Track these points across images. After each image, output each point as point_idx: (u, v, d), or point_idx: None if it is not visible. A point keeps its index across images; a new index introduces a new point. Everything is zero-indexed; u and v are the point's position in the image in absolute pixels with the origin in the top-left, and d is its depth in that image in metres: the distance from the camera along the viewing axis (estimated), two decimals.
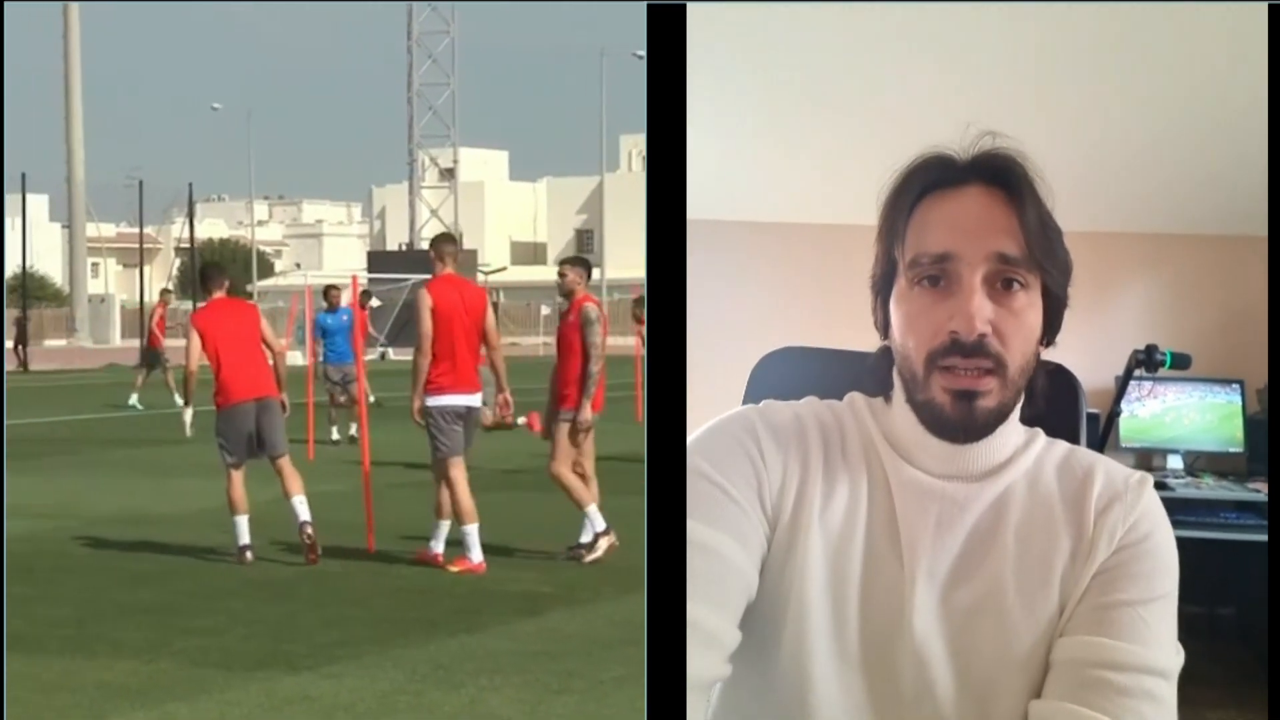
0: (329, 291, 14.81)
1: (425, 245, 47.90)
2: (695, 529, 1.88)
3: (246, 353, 7.56)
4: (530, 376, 12.62)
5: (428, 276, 7.56)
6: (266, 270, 74.48)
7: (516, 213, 76.36)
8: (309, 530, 7.35)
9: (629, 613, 6.05)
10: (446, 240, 7.76)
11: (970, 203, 1.95)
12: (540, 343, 37.68)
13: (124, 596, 6.76)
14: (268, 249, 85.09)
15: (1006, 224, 1.93)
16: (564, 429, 7.31)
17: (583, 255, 8.54)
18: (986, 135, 1.99)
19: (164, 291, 21.94)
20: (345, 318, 13.96)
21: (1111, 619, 1.87)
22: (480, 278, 11.25)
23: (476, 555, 7.09)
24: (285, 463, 7.57)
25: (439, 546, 7.26)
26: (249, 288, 31.31)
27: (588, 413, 7.31)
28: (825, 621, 1.94)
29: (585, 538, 7.33)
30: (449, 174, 53.12)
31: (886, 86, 5.84)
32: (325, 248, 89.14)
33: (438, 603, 6.49)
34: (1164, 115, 5.93)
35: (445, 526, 7.26)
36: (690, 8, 2.17)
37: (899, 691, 1.92)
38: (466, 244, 51.98)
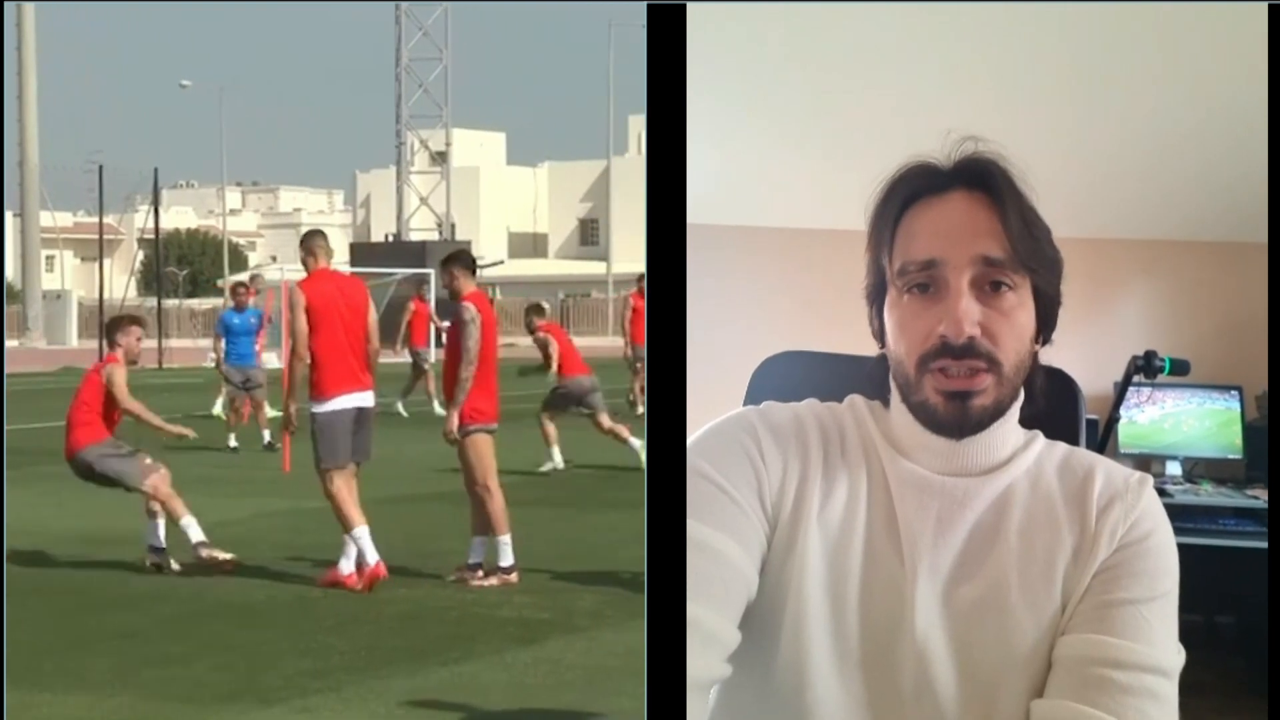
0: (236, 289, 14.60)
1: (414, 236, 44.29)
2: (695, 529, 1.89)
3: None
4: (530, 381, 12.32)
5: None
6: (239, 263, 69.75)
7: (515, 200, 70.12)
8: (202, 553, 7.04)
9: (633, 641, 5.53)
10: (316, 235, 7.24)
11: (953, 209, 1.98)
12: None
13: (83, 623, 6.24)
14: (241, 240, 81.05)
15: (990, 227, 1.95)
16: (465, 443, 6.90)
17: (464, 250, 8.09)
18: (968, 141, 2.02)
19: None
20: (253, 319, 13.93)
21: (1113, 617, 1.87)
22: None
23: (347, 568, 6.74)
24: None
25: (475, 555, 6.87)
26: (219, 283, 28.81)
27: (453, 423, 6.85)
28: (824, 619, 1.94)
29: (473, 558, 6.92)
30: (441, 158, 47.84)
31: (886, 93, 5.85)
32: None
33: (424, 629, 6.07)
34: (1163, 121, 5.93)
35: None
36: (690, 8, 2.17)
37: (899, 689, 1.92)
38: (460, 234, 48.27)
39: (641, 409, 15.73)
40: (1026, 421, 2.08)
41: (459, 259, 7.31)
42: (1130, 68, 5.38)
